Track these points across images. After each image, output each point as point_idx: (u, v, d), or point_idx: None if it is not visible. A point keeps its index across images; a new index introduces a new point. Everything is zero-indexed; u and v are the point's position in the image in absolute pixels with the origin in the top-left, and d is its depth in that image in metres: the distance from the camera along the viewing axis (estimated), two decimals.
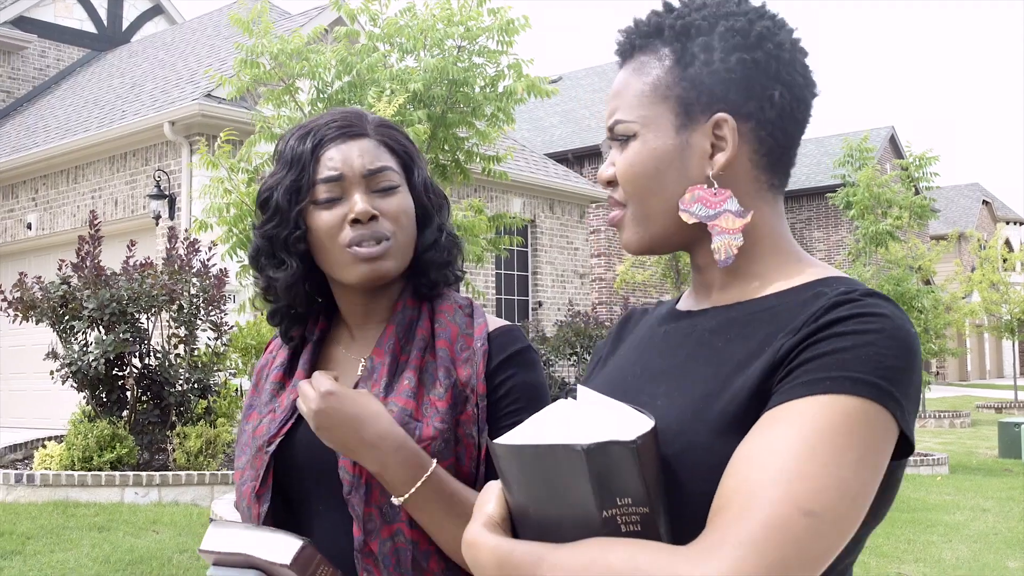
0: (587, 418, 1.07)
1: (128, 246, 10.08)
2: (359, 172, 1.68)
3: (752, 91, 1.23)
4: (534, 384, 1.71)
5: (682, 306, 1.37)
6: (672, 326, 1.33)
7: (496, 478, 1.62)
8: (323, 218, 1.67)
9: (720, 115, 1.23)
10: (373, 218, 1.66)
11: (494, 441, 1.07)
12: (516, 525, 1.13)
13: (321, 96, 8.08)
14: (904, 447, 1.10)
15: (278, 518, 1.67)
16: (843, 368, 1.05)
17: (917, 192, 17.17)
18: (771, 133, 1.25)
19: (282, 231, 1.69)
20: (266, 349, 1.90)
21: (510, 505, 1.13)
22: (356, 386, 1.67)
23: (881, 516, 1.17)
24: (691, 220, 1.24)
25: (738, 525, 0.98)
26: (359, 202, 1.65)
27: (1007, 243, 41.75)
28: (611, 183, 1.31)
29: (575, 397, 1.15)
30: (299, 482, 1.68)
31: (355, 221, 1.65)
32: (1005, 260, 27.79)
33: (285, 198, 1.69)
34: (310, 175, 1.68)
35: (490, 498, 1.16)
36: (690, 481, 1.11)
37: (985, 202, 46.59)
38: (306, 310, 1.79)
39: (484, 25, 8.25)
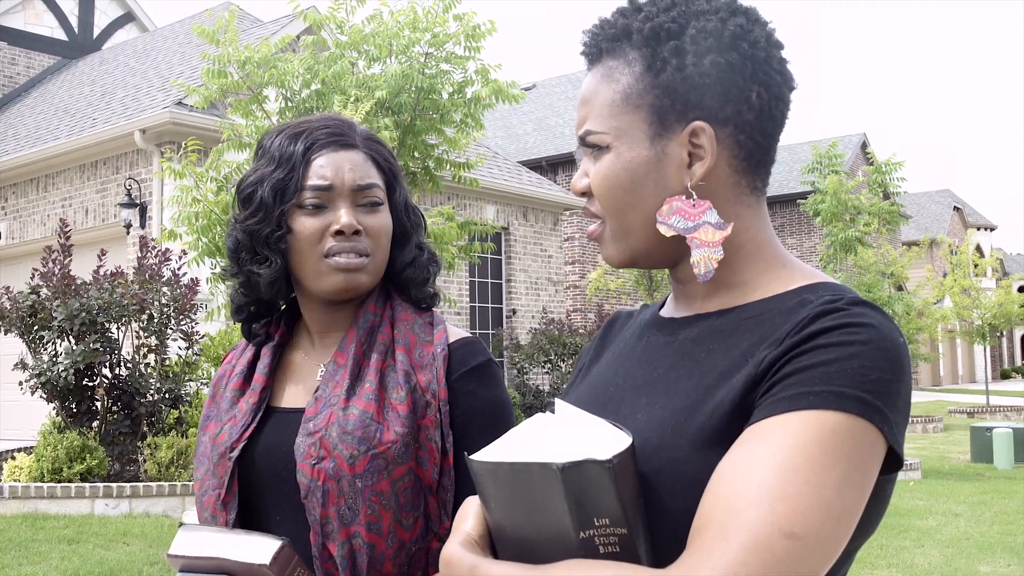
0: (564, 435, 1.04)
1: (99, 255, 10.00)
2: (349, 185, 1.69)
3: (729, 95, 1.17)
4: (495, 400, 1.71)
5: (666, 312, 1.32)
6: (655, 334, 1.29)
7: (465, 488, 1.61)
8: (306, 224, 1.68)
9: (697, 123, 1.17)
10: (356, 232, 1.67)
11: (470, 457, 1.05)
12: (495, 543, 1.11)
13: (289, 105, 8.06)
14: (893, 461, 1.06)
15: (239, 527, 1.66)
16: (827, 382, 1.01)
17: (887, 197, 17.27)
18: (750, 136, 1.19)
19: (265, 228, 1.69)
20: (224, 360, 1.89)
21: (488, 522, 1.11)
22: (316, 390, 1.68)
23: (871, 530, 1.13)
24: (669, 233, 1.19)
25: (717, 548, 0.95)
26: (345, 215, 1.67)
27: (978, 249, 42.13)
28: (586, 194, 1.26)
29: (553, 411, 1.12)
30: (258, 490, 1.68)
31: (338, 233, 1.67)
32: (976, 265, 28.03)
33: (271, 196, 1.69)
34: (299, 178, 1.69)
35: (468, 515, 1.13)
36: (670, 498, 1.07)
37: (956, 208, 46.99)
38: (274, 307, 1.81)
39: (450, 31, 8.25)
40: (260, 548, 1.45)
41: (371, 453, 1.57)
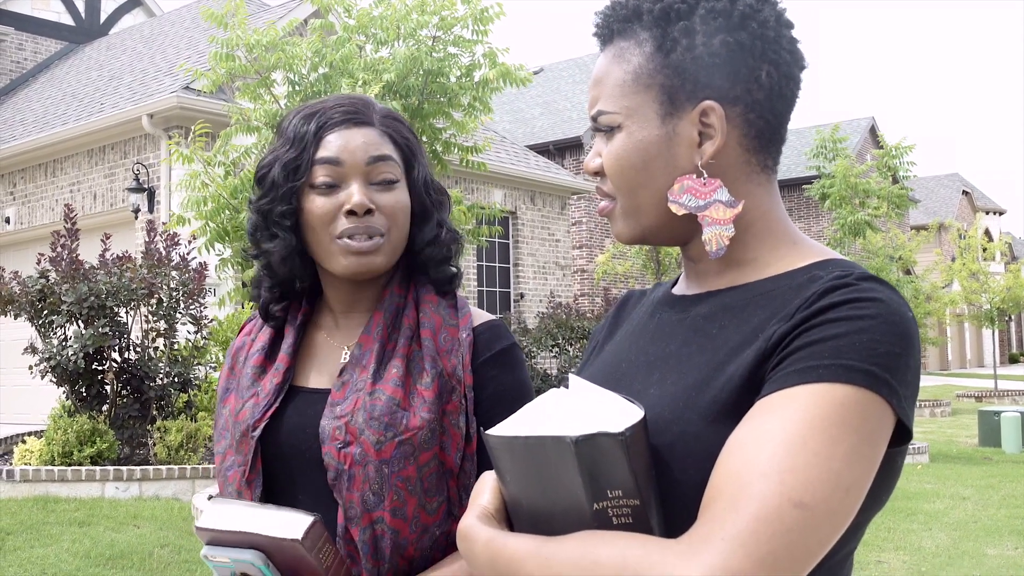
0: (578, 409, 1.06)
1: (103, 239, 10.02)
2: (360, 160, 1.66)
3: (738, 74, 1.19)
4: (519, 384, 1.71)
5: (678, 290, 1.34)
6: (667, 312, 1.31)
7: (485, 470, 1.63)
8: (317, 203, 1.66)
9: (707, 103, 1.19)
10: (368, 212, 1.64)
11: (486, 432, 1.07)
12: (511, 516, 1.12)
13: (296, 89, 8.05)
14: (903, 434, 1.07)
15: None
16: (836, 356, 1.03)
17: (896, 181, 17.23)
18: (760, 115, 1.21)
19: (276, 206, 1.68)
20: (241, 330, 1.88)
21: (504, 496, 1.13)
22: (341, 372, 1.67)
23: (881, 503, 1.15)
24: (681, 211, 1.21)
25: (728, 518, 0.96)
26: (356, 194, 1.64)
27: (986, 233, 41.98)
28: (598, 173, 1.28)
29: (568, 386, 1.13)
30: (282, 468, 1.68)
31: (350, 213, 1.64)
32: (984, 249, 27.97)
33: (282, 174, 1.67)
34: (310, 155, 1.67)
35: (485, 489, 1.16)
36: (682, 471, 1.09)
37: (965, 192, 46.85)
38: (292, 288, 1.78)
39: (458, 14, 8.23)
40: (292, 523, 1.44)
41: (398, 439, 1.57)
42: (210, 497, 1.55)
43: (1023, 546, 7.70)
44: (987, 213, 46.03)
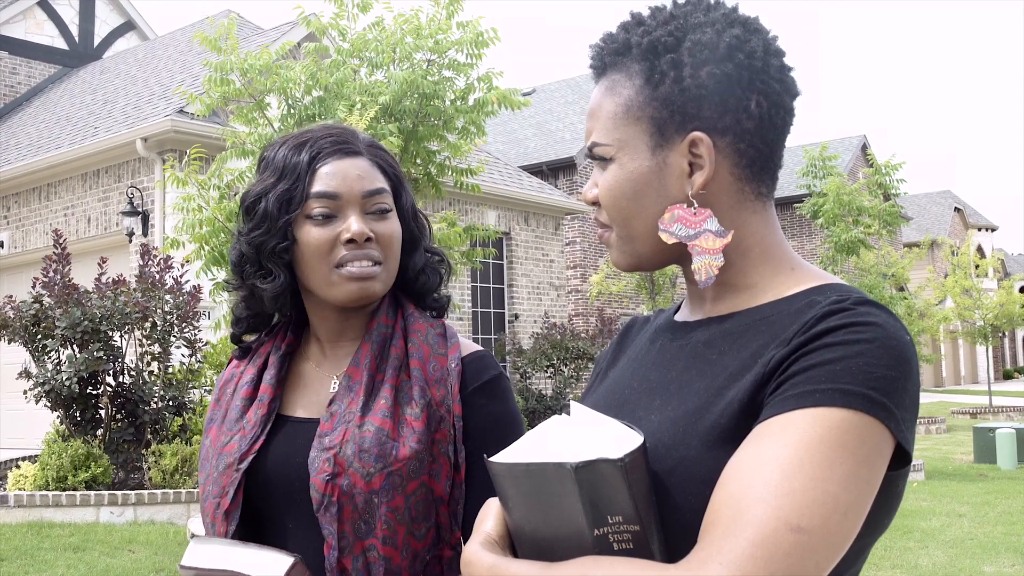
0: (579, 435, 1.07)
1: (99, 263, 10.01)
2: (357, 193, 1.67)
3: (726, 105, 1.20)
4: (506, 414, 1.72)
5: (680, 317, 1.36)
6: (668, 338, 1.32)
7: (474, 500, 1.63)
8: (314, 234, 1.66)
9: (695, 134, 1.20)
10: (368, 240, 1.66)
11: (490, 459, 1.08)
12: (515, 543, 1.13)
13: (291, 112, 8.06)
14: (903, 457, 1.08)
15: (245, 536, 1.65)
16: (833, 380, 1.03)
17: (887, 199, 17.27)
18: (751, 144, 1.22)
19: (270, 240, 1.67)
20: (229, 363, 1.87)
21: (508, 523, 1.14)
22: (331, 404, 1.67)
23: (884, 526, 1.15)
24: (671, 240, 1.23)
25: (725, 543, 0.97)
26: (356, 223, 1.65)
27: (979, 249, 42.11)
28: (595, 203, 1.30)
29: (569, 413, 1.15)
30: (269, 500, 1.67)
31: (350, 241, 1.65)
32: (977, 266, 28.06)
33: (276, 207, 1.66)
34: (304, 187, 1.67)
35: (489, 516, 1.16)
36: (682, 496, 1.10)
37: (957, 209, 46.97)
38: (267, 321, 1.81)
39: (453, 38, 8.27)
40: (273, 564, 1.45)
41: (387, 471, 1.57)
42: (192, 535, 1.55)
43: (1020, 563, 7.70)
44: (979, 230, 46.17)
